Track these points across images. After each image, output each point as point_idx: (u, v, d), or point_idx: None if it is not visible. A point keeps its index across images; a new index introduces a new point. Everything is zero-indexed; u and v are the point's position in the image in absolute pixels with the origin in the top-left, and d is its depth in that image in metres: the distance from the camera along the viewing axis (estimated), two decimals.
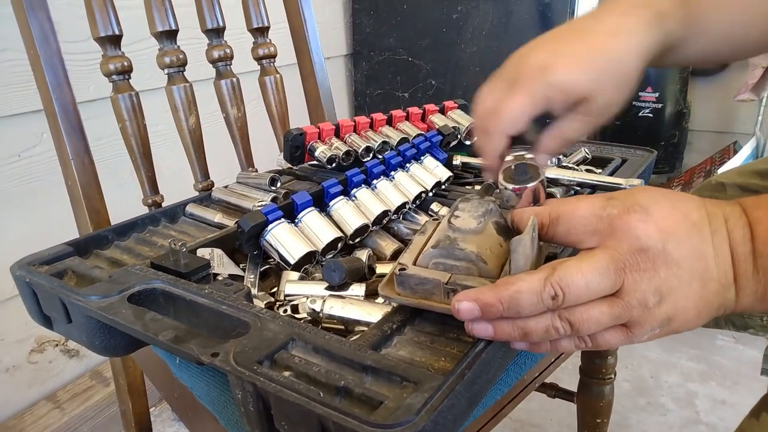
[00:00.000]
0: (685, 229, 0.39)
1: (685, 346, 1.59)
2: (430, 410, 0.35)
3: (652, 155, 0.84)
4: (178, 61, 0.82)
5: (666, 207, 0.39)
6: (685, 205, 0.40)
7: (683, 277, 0.38)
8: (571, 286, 0.37)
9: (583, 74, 0.49)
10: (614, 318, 0.38)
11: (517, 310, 0.38)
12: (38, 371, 1.24)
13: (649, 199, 0.40)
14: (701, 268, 0.38)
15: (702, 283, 0.38)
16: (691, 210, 0.40)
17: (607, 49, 0.50)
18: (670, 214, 0.39)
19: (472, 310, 0.39)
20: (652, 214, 0.39)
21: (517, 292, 0.38)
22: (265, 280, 0.63)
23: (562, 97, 0.50)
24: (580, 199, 0.42)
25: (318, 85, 1.05)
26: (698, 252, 0.38)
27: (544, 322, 0.39)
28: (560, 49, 0.51)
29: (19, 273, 0.55)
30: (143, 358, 0.74)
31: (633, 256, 0.38)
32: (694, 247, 0.38)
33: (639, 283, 0.38)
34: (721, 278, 0.39)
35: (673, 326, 0.39)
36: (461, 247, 0.45)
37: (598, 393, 1.01)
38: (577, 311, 0.38)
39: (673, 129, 2.06)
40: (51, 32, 0.74)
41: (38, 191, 1.16)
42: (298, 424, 0.37)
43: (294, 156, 0.79)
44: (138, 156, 0.81)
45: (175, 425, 1.36)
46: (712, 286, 0.39)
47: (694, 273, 0.38)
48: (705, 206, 0.41)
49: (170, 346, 0.43)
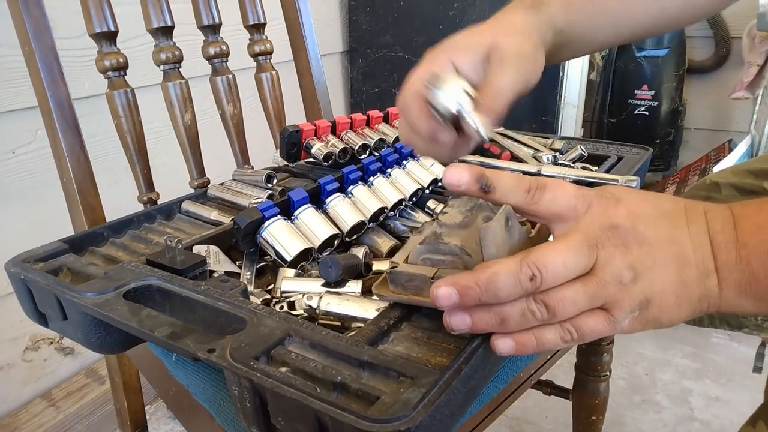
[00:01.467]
0: (655, 216, 0.40)
1: (680, 344, 1.60)
2: (427, 405, 0.35)
3: (647, 153, 0.84)
4: (174, 57, 0.82)
5: (636, 197, 0.41)
6: (658, 199, 0.42)
7: (657, 257, 0.39)
8: (548, 265, 0.37)
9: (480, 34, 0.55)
10: (590, 297, 0.38)
11: (494, 293, 0.38)
12: (33, 369, 1.24)
13: (621, 191, 0.42)
14: (675, 251, 0.39)
15: (678, 266, 0.39)
16: (663, 202, 0.41)
17: (494, 21, 0.56)
18: (639, 203, 0.41)
19: (450, 295, 0.39)
20: (621, 200, 0.41)
21: (495, 274, 0.38)
22: (261, 277, 0.63)
23: (466, 55, 0.54)
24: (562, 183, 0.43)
25: (314, 82, 1.05)
26: (670, 236, 0.39)
27: (520, 306, 0.39)
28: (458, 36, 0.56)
29: (13, 270, 0.54)
30: (139, 355, 0.74)
31: (605, 233, 0.39)
32: (665, 230, 0.39)
33: (612, 258, 0.38)
34: (699, 264, 0.39)
35: (652, 311, 0.39)
36: (445, 241, 0.45)
37: (593, 390, 1.02)
38: (552, 292, 0.38)
39: (669, 127, 2.07)
40: (46, 28, 0.73)
41: (33, 188, 1.16)
42: (294, 420, 0.37)
43: (290, 153, 0.79)
44: (133, 153, 0.80)
45: (170, 423, 1.36)
46: (690, 271, 0.39)
47: (668, 255, 0.39)
48: (683, 202, 0.42)
49: (166, 342, 0.43)
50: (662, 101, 2.03)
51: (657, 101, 2.02)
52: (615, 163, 0.81)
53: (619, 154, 0.84)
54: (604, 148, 0.87)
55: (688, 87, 2.10)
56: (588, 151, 0.85)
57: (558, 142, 0.88)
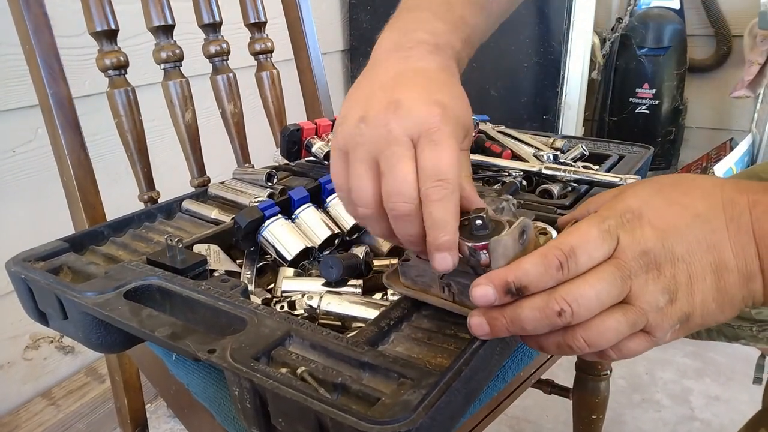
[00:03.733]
0: (686, 223, 0.37)
1: (681, 343, 1.60)
2: (428, 407, 0.35)
3: (648, 152, 0.84)
4: (175, 56, 0.82)
5: (659, 205, 0.38)
6: (686, 197, 0.39)
7: (693, 271, 0.37)
8: (580, 300, 0.36)
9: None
10: (631, 325, 0.37)
11: (521, 326, 0.37)
12: (33, 368, 1.24)
13: (640, 200, 0.39)
14: (712, 259, 0.37)
15: (716, 274, 0.37)
16: (694, 200, 0.38)
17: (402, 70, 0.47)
18: (665, 211, 0.38)
19: (481, 324, 0.39)
20: (644, 216, 0.38)
21: (519, 308, 0.37)
22: (261, 276, 0.63)
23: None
24: (577, 225, 0.39)
25: (315, 80, 1.05)
26: (706, 243, 0.37)
27: (555, 339, 0.38)
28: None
29: (14, 269, 0.54)
30: (139, 354, 0.74)
31: (635, 260, 0.37)
32: (699, 239, 0.37)
33: (645, 285, 0.37)
34: (741, 268, 0.37)
35: (694, 322, 0.38)
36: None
37: (593, 389, 1.02)
38: (593, 325, 0.37)
39: (670, 126, 2.07)
40: (46, 26, 0.73)
41: (33, 187, 1.16)
42: (295, 421, 0.37)
43: (291, 152, 0.79)
44: (134, 152, 0.80)
45: (170, 422, 1.36)
46: (730, 277, 0.37)
47: (705, 266, 0.37)
48: (721, 192, 0.38)
49: (167, 342, 0.43)
50: (663, 100, 2.02)
51: (658, 100, 2.02)
52: (616, 162, 0.81)
53: (620, 152, 0.84)
54: (605, 147, 0.87)
55: (689, 86, 2.10)
56: (589, 150, 0.84)
57: (559, 140, 0.87)
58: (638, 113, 2.05)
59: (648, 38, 1.98)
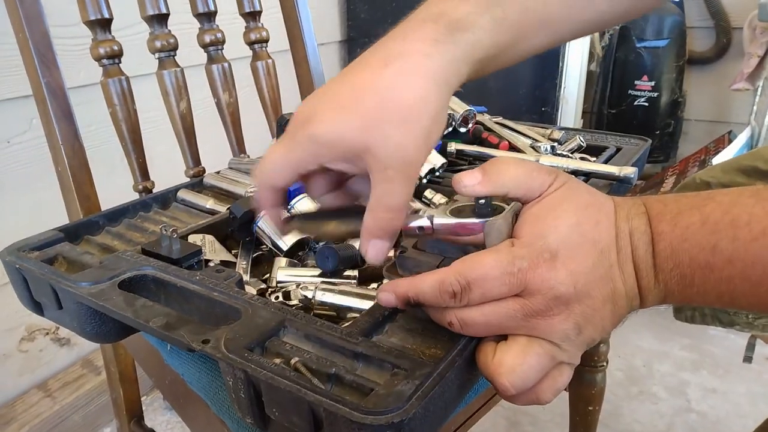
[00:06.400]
0: (593, 262, 0.39)
1: (678, 336, 1.60)
2: (421, 397, 0.35)
3: (646, 144, 0.84)
4: (169, 45, 0.81)
5: (575, 243, 0.39)
6: (595, 230, 0.40)
7: (596, 305, 0.39)
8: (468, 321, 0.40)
9: (348, 122, 0.41)
10: (550, 357, 0.40)
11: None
12: (29, 360, 1.24)
13: (558, 239, 0.39)
14: (610, 290, 0.40)
15: (613, 303, 0.40)
16: (601, 233, 0.40)
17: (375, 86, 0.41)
18: (578, 251, 0.39)
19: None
20: (559, 258, 0.38)
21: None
22: (257, 266, 0.63)
23: (332, 153, 0.42)
24: (484, 256, 0.39)
25: (311, 71, 1.04)
26: (606, 277, 0.39)
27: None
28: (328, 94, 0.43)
29: (9, 259, 0.54)
30: (134, 345, 0.74)
31: (545, 304, 0.38)
32: (601, 274, 0.39)
33: (556, 325, 0.39)
34: (628, 293, 0.40)
35: (593, 340, 0.41)
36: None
37: (590, 380, 1.02)
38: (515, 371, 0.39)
39: (669, 118, 2.06)
40: (39, 15, 0.72)
41: (28, 177, 1.15)
42: (289, 411, 0.37)
43: None
44: (128, 142, 0.80)
45: (166, 414, 1.36)
46: (621, 301, 0.40)
47: (605, 297, 0.39)
48: (615, 221, 0.40)
49: (161, 332, 0.43)
50: (662, 92, 2.02)
51: (657, 92, 2.02)
52: (613, 154, 0.81)
53: (617, 144, 0.84)
54: (603, 139, 0.86)
55: (688, 78, 2.09)
56: (587, 142, 0.84)
57: (557, 132, 0.87)
58: (637, 105, 2.05)
59: (647, 30, 1.97)
